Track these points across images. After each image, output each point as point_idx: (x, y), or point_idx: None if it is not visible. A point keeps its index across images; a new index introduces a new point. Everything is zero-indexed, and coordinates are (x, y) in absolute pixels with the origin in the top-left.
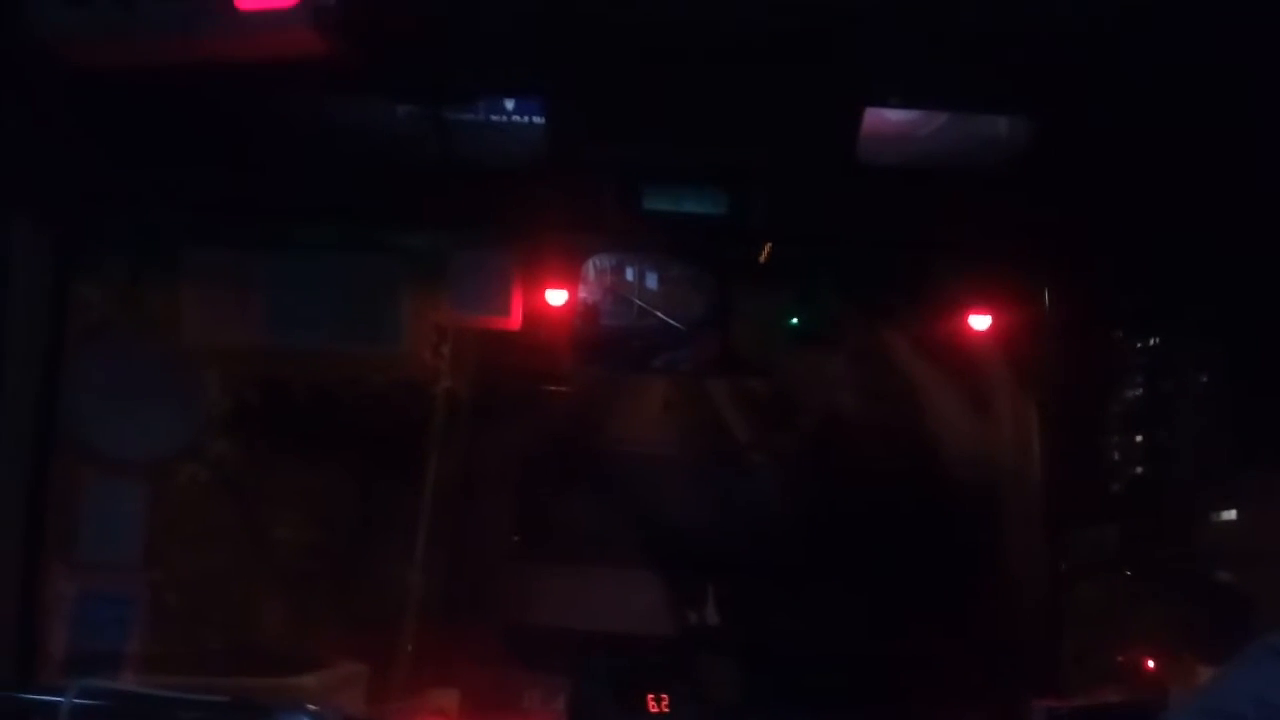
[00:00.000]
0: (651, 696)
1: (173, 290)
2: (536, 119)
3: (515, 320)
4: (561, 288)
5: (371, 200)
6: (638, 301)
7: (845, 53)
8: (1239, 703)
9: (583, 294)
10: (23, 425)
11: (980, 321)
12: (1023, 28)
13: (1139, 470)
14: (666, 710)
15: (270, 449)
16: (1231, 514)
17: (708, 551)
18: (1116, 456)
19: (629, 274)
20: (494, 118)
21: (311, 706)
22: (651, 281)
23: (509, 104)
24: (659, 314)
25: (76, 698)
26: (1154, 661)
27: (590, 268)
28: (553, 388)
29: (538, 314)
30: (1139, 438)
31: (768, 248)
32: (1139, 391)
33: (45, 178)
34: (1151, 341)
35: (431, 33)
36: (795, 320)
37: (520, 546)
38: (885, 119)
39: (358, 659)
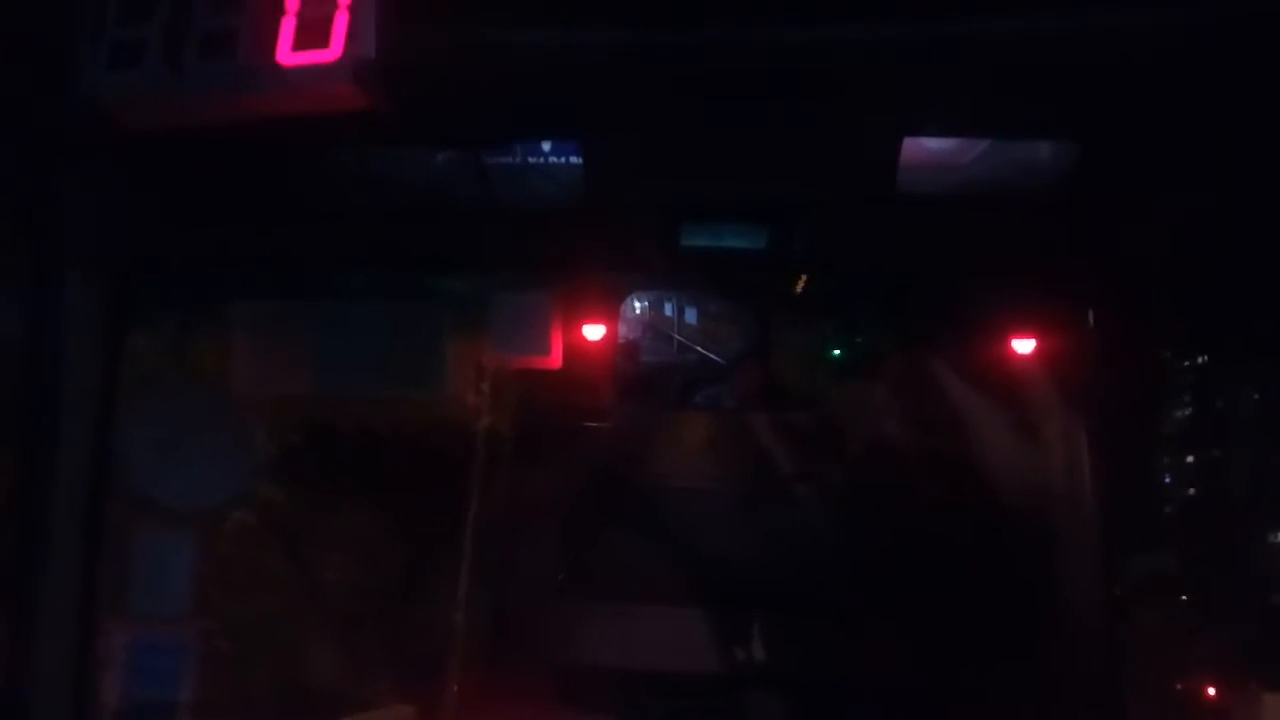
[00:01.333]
0: None
1: (221, 341)
2: (574, 159)
3: (556, 360)
4: (602, 325)
5: (413, 247)
6: (678, 337)
7: (881, 83)
8: None
9: (624, 331)
10: (77, 478)
11: (1025, 346)
12: (1058, 51)
13: (1193, 492)
14: None
15: (316, 494)
16: None
17: (756, 588)
18: (1169, 479)
19: (669, 310)
20: (531, 160)
21: None
22: (691, 317)
23: (546, 146)
24: (699, 349)
25: None
26: (1216, 689)
27: (630, 305)
28: (595, 425)
29: (579, 352)
30: (1191, 458)
31: (806, 280)
32: (1189, 411)
33: (98, 235)
34: (1201, 359)
35: (469, 80)
36: (838, 352)
37: (566, 585)
38: (924, 148)
39: (405, 701)
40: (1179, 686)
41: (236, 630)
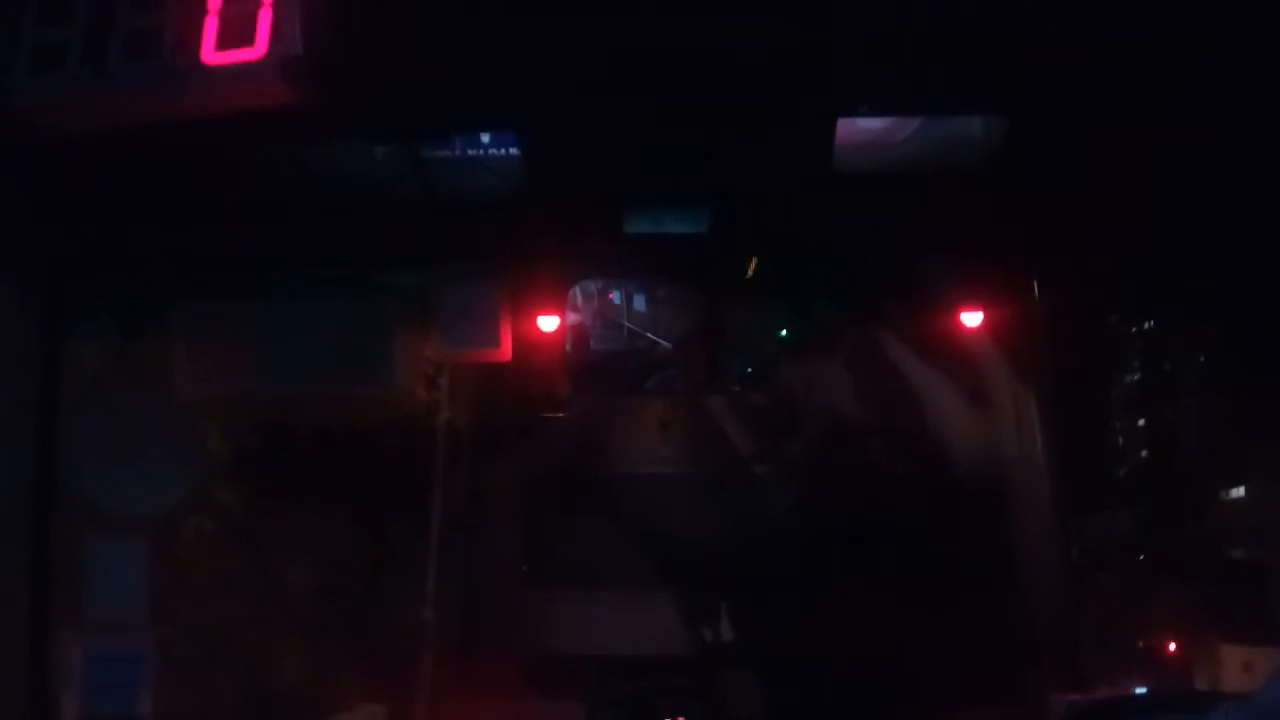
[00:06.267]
0: (669, 719)
1: (166, 343)
2: (513, 150)
3: (506, 352)
4: (551, 315)
5: (356, 243)
6: (627, 324)
7: (813, 66)
8: None
9: (573, 320)
10: (22, 489)
11: (973, 318)
12: (987, 27)
13: (1145, 453)
14: None
15: (274, 496)
16: (1240, 490)
17: (715, 568)
18: (1121, 442)
19: (617, 297)
20: (471, 152)
21: None
22: (639, 303)
23: (484, 138)
24: (649, 335)
25: None
26: (1176, 644)
27: (578, 294)
28: (550, 415)
29: (530, 343)
30: (1142, 421)
31: (753, 262)
32: (1138, 375)
33: (32, 240)
34: (1147, 324)
35: (403, 74)
36: (786, 332)
37: (530, 575)
38: (860, 127)
39: (374, 700)
40: (1140, 644)
41: (198, 638)
